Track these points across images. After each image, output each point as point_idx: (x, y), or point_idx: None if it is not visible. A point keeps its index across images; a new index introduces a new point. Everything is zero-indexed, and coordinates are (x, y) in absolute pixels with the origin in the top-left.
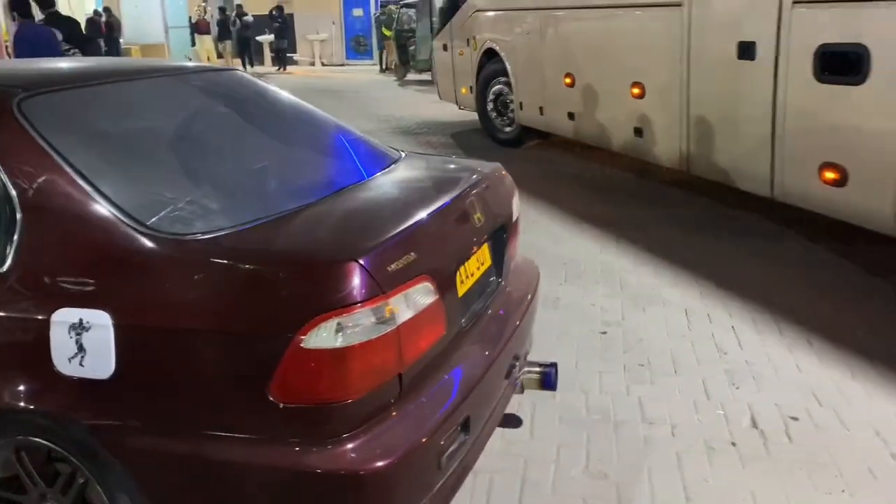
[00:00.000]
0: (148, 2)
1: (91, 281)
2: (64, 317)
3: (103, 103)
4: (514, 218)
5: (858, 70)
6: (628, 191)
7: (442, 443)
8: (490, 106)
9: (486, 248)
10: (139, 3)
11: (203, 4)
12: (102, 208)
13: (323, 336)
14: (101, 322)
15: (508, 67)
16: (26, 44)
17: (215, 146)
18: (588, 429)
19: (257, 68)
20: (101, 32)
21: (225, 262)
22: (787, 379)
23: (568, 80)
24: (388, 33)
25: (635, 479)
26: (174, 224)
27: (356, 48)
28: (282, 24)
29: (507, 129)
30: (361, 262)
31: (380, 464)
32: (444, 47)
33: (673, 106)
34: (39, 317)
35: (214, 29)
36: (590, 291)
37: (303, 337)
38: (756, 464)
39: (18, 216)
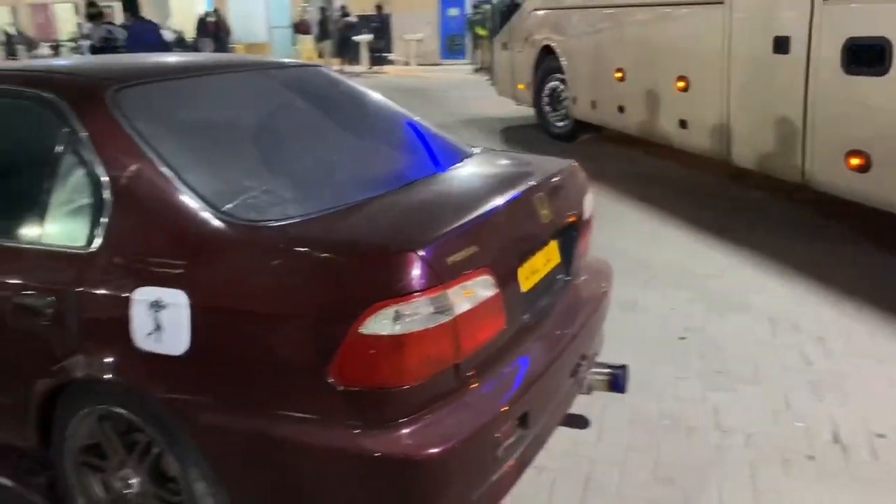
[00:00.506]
0: (254, 3)
1: (170, 262)
2: (144, 295)
3: (189, 96)
4: (587, 216)
5: (882, 62)
6: (710, 191)
7: (498, 435)
8: (545, 101)
9: (554, 245)
10: (245, 4)
11: (304, 5)
12: (183, 194)
13: (381, 323)
14: (177, 301)
15: (563, 64)
16: (134, 39)
17: (292, 138)
18: (658, 434)
19: (354, 67)
20: (210, 32)
21: (291, 248)
22: (877, 393)
23: (618, 75)
24: (482, 32)
25: (703, 486)
26: (248, 211)
27: (451, 48)
28: (380, 24)
29: (560, 123)
30: (421, 252)
31: (435, 450)
32: (504, 46)
33: (715, 98)
34: (122, 294)
35: (316, 29)
36: (670, 296)
37: (362, 323)
38: (834, 479)
39: (109, 200)
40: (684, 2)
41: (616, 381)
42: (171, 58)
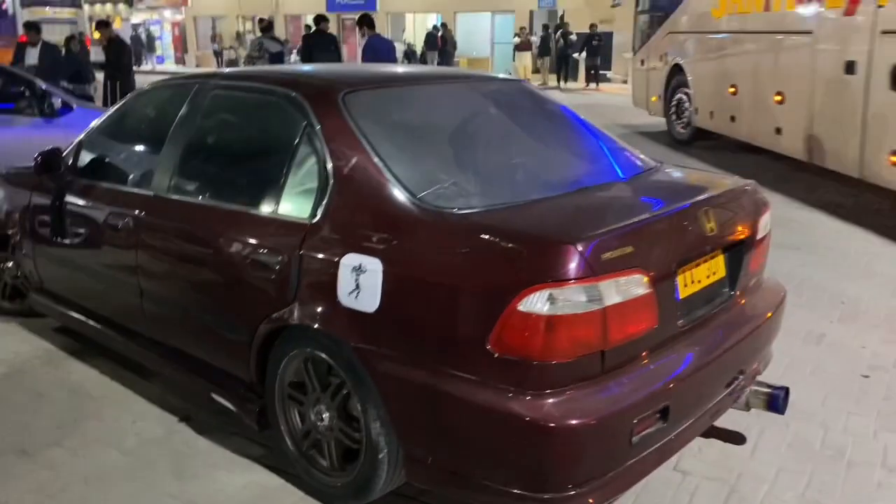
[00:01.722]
0: (480, 20)
1: (372, 235)
2: (350, 260)
3: (402, 101)
4: (760, 236)
5: None
6: None
7: (635, 421)
8: (672, 111)
9: (720, 259)
10: (472, 20)
11: (524, 27)
12: (388, 181)
13: (536, 303)
14: (374, 268)
15: (689, 79)
16: (371, 51)
17: (484, 141)
18: (816, 461)
19: (570, 84)
20: (436, 46)
21: (469, 232)
22: None
23: (732, 90)
24: None
25: None
26: (438, 199)
27: None
28: (598, 42)
29: (682, 130)
30: (578, 246)
31: (573, 421)
32: (642, 63)
33: (803, 109)
34: (333, 259)
35: (537, 45)
36: (863, 334)
37: (520, 301)
38: None
39: (331, 182)
40: (782, 31)
41: (774, 400)
42: (393, 68)
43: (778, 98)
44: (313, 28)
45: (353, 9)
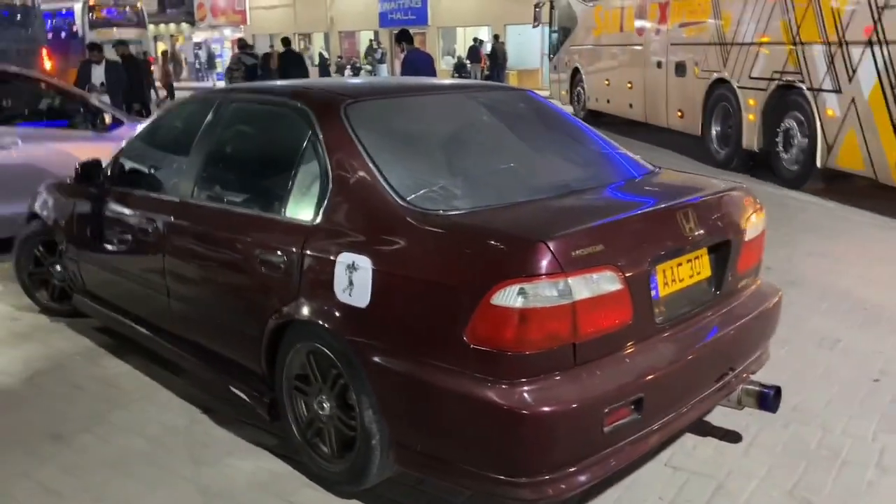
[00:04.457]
0: (531, 32)
1: (364, 235)
2: (344, 259)
3: (400, 111)
4: (749, 238)
5: None
6: None
7: (606, 411)
8: (575, 100)
9: (705, 259)
10: (523, 32)
11: None
12: (380, 186)
13: (508, 297)
14: (365, 265)
15: (583, 77)
16: (409, 66)
17: (477, 147)
18: (809, 461)
19: None
20: (480, 59)
21: (450, 231)
22: None
23: (606, 83)
24: None
25: None
26: (425, 202)
27: None
28: None
29: (581, 113)
30: (547, 243)
31: (545, 408)
32: (555, 67)
33: (641, 91)
34: (331, 257)
35: None
36: (880, 340)
37: (492, 294)
38: None
39: (330, 187)
40: (628, 44)
41: (764, 398)
42: (397, 81)
43: (629, 85)
44: (283, 49)
45: (404, 24)
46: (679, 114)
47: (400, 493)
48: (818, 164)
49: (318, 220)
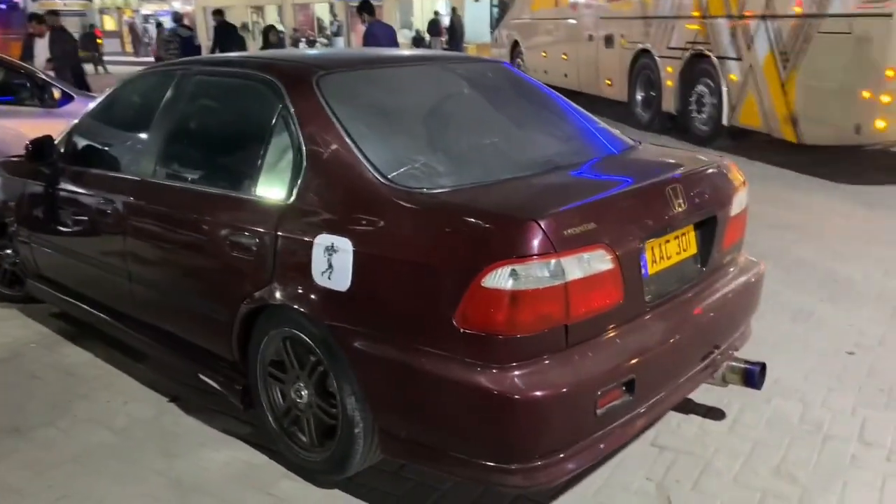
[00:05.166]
0: (485, 8)
1: (343, 215)
2: (322, 240)
3: (377, 83)
4: (734, 213)
5: None
6: None
7: (599, 394)
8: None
9: (692, 235)
10: (479, 8)
11: None
12: (358, 162)
13: (499, 279)
14: (345, 247)
15: (523, 50)
16: (371, 38)
17: (457, 122)
18: (793, 436)
19: None
20: (440, 32)
21: (435, 211)
22: None
23: (544, 55)
24: None
25: (826, 488)
26: (408, 179)
27: None
28: None
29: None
30: (539, 222)
31: (537, 393)
32: (496, 40)
33: (575, 62)
34: (307, 239)
35: None
36: (852, 312)
37: (483, 277)
38: None
39: (304, 164)
40: (562, 18)
41: (750, 375)
42: (371, 52)
43: (564, 56)
44: (216, 21)
45: None
46: (608, 82)
47: (382, 481)
48: (724, 122)
49: (292, 199)
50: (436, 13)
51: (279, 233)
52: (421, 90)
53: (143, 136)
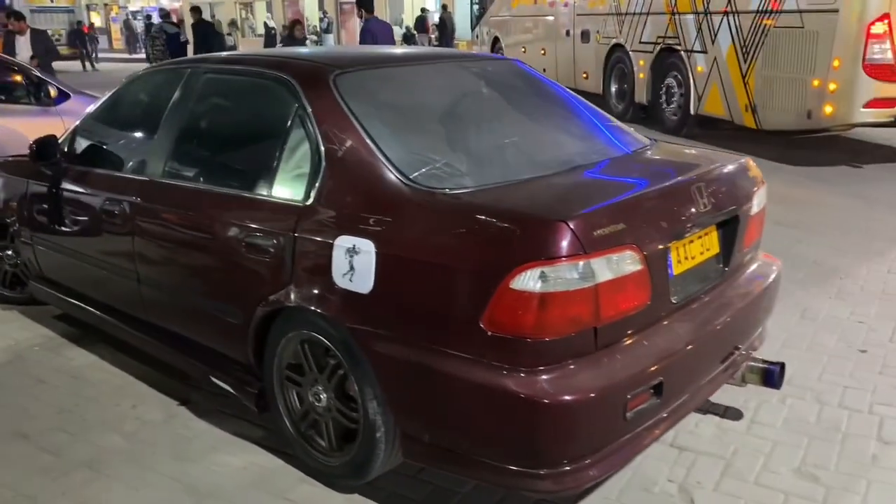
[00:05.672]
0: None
1: (364, 217)
2: (343, 242)
3: (395, 81)
4: (754, 212)
5: None
6: None
7: (629, 397)
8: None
9: (714, 235)
10: (467, 4)
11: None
12: (379, 163)
13: (528, 281)
14: (367, 249)
15: (503, 46)
16: (369, 35)
17: (476, 121)
18: (812, 435)
19: None
20: (427, 29)
21: (461, 212)
22: None
23: (523, 50)
24: None
25: (849, 488)
26: (430, 179)
27: None
28: None
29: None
30: (569, 223)
31: (567, 397)
32: (477, 37)
33: (553, 57)
34: (327, 240)
35: None
36: (860, 309)
37: (512, 279)
38: None
39: (323, 164)
40: (540, 15)
41: (770, 375)
42: (384, 50)
43: (542, 52)
44: (194, 20)
45: None
46: (584, 75)
47: (400, 485)
48: (692, 111)
49: (311, 200)
50: (423, 10)
51: (297, 234)
52: (437, 89)
53: (152, 135)
